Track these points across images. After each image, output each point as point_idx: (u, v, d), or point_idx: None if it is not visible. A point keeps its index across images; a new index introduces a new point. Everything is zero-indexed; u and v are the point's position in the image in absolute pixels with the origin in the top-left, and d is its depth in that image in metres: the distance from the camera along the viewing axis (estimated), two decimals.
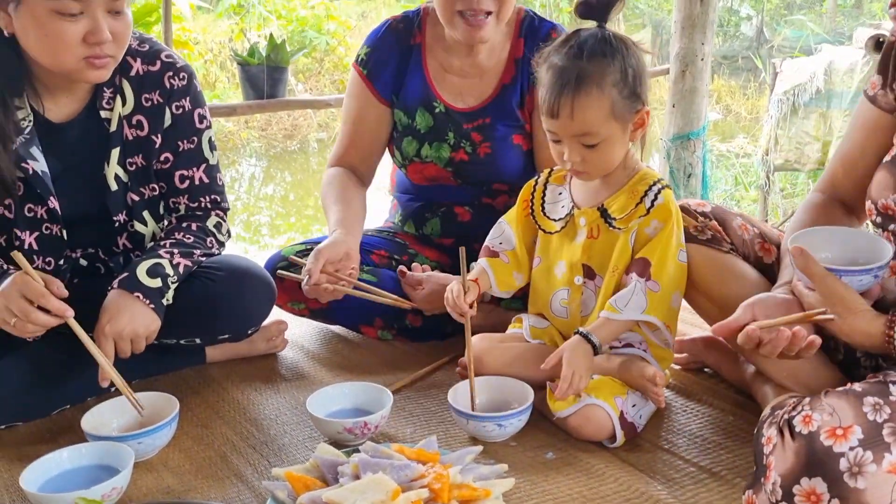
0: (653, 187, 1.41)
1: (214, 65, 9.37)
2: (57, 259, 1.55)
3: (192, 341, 1.64)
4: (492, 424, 1.37)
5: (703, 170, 3.30)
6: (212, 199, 1.65)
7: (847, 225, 1.46)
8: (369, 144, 1.90)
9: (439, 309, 1.73)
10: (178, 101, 1.58)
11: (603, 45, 1.33)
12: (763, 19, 12.71)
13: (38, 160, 1.48)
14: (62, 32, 1.35)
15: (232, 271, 1.61)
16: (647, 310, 1.38)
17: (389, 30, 1.87)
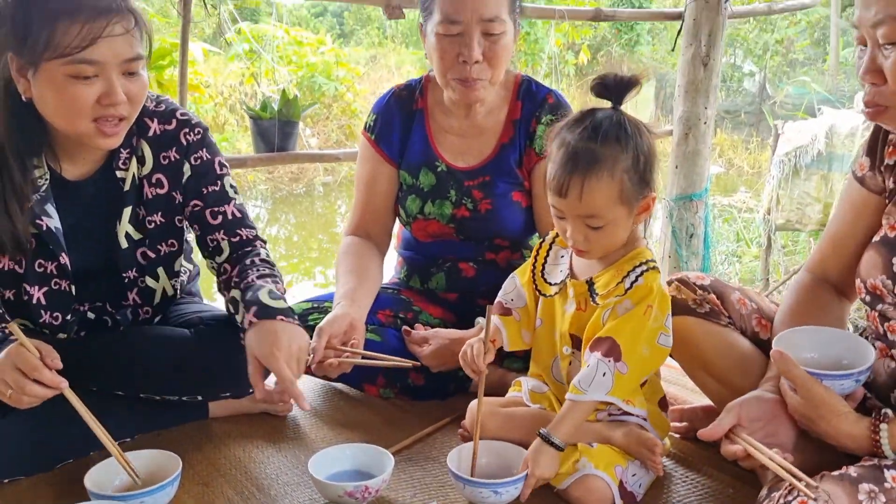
0: (637, 268, 1.40)
1: (224, 108, 9.51)
2: (65, 314, 1.57)
3: (194, 398, 1.66)
4: (488, 491, 1.37)
5: (706, 230, 3.34)
6: (248, 231, 1.66)
7: (836, 304, 1.48)
8: (382, 206, 1.97)
9: (445, 366, 1.80)
10: (195, 153, 1.62)
11: (617, 130, 1.33)
12: (766, 76, 12.90)
13: (52, 217, 1.51)
14: (77, 95, 1.37)
15: (234, 330, 1.62)
16: (611, 391, 1.36)
17: (394, 97, 1.97)
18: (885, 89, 1.21)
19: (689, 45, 3.29)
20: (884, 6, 1.16)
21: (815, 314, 1.45)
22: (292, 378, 1.40)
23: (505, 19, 1.74)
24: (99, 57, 1.36)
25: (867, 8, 1.18)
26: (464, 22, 1.71)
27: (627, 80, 1.36)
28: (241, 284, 1.54)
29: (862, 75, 1.23)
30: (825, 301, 1.49)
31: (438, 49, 1.76)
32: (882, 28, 1.16)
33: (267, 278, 1.55)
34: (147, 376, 1.60)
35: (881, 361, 1.37)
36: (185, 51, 2.53)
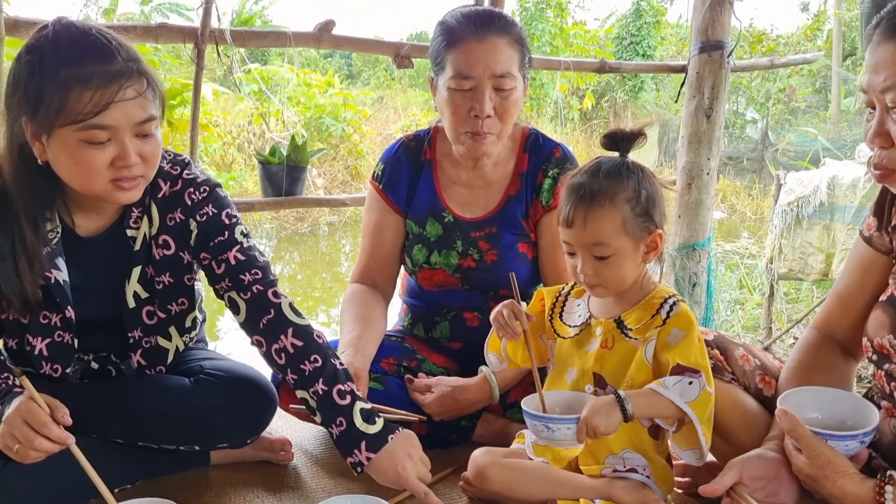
0: (668, 300, 1.45)
1: (232, 147, 9.61)
2: (65, 366, 1.58)
3: (192, 448, 1.66)
4: (541, 424, 1.40)
5: (708, 279, 3.36)
6: (253, 273, 1.59)
7: (842, 364, 1.49)
8: (388, 255, 1.99)
9: (447, 413, 1.80)
10: (200, 210, 1.60)
11: (620, 168, 1.44)
12: (768, 123, 13.03)
13: (61, 270, 1.51)
14: (90, 160, 1.38)
15: (233, 381, 1.63)
16: (693, 402, 1.36)
17: (402, 147, 2.00)
18: (893, 152, 1.24)
19: (692, 98, 3.34)
20: (892, 73, 1.19)
21: (821, 373, 1.46)
22: (426, 489, 1.44)
23: (515, 75, 1.78)
24: (111, 122, 1.36)
25: (877, 73, 1.22)
26: (476, 77, 1.74)
27: (633, 132, 1.46)
28: (308, 390, 1.51)
29: (871, 139, 1.26)
30: (831, 360, 1.49)
31: (451, 104, 1.78)
32: (891, 93, 1.19)
33: (329, 384, 1.50)
34: (144, 425, 1.60)
35: (887, 421, 1.37)
36: (197, 97, 2.58)
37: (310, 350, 1.53)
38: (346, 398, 1.49)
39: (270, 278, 1.61)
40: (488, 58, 1.74)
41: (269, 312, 1.56)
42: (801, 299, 5.71)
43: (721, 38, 3.26)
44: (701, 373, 1.38)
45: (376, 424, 1.48)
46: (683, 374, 1.37)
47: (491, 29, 1.75)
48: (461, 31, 1.76)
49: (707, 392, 1.37)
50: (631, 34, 14.53)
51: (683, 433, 1.42)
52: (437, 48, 1.81)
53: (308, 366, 1.51)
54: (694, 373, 1.37)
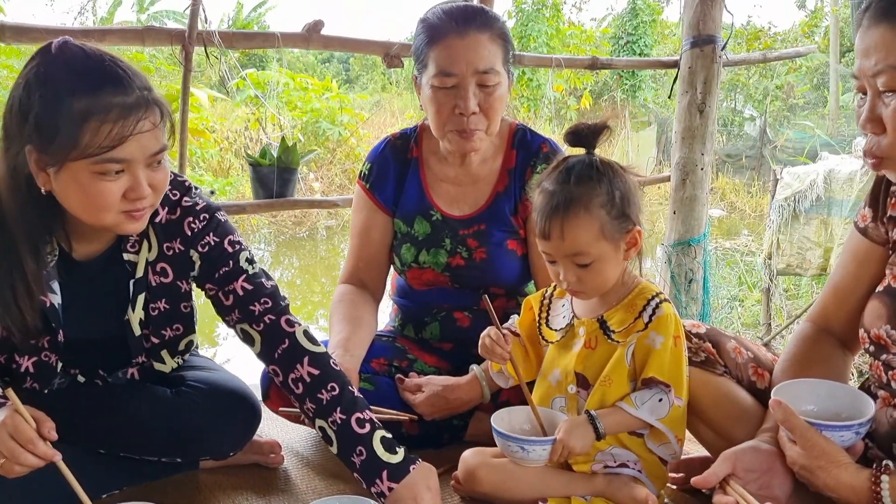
0: (651, 301, 1.43)
1: (229, 152, 9.61)
2: (44, 385, 1.56)
3: (174, 460, 1.64)
4: (516, 445, 1.41)
5: (705, 275, 3.34)
6: (262, 302, 1.57)
7: (838, 356, 1.47)
8: (377, 255, 1.97)
9: (438, 413, 1.79)
10: (201, 240, 1.56)
11: (590, 170, 1.39)
12: (766, 121, 13.02)
13: (55, 293, 1.48)
14: (103, 192, 1.34)
15: (215, 394, 1.61)
16: (664, 419, 1.39)
17: (388, 146, 1.98)
18: (884, 138, 1.22)
19: (685, 93, 3.33)
20: (884, 56, 1.18)
21: (816, 365, 1.44)
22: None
23: (499, 70, 1.76)
24: (127, 155, 1.32)
25: (867, 58, 1.20)
26: (458, 74, 1.73)
27: (596, 126, 1.42)
28: (327, 419, 1.48)
29: (862, 124, 1.24)
30: (827, 352, 1.48)
31: (434, 102, 1.77)
32: (882, 77, 1.18)
33: (348, 411, 1.47)
34: (125, 436, 1.58)
35: (883, 411, 1.35)
36: (185, 100, 2.57)
37: (327, 378, 1.50)
38: (366, 426, 1.47)
39: (281, 305, 1.58)
40: (471, 54, 1.72)
41: (284, 342, 1.53)
42: (801, 295, 5.68)
43: (713, 33, 3.25)
44: (671, 387, 1.39)
45: (398, 454, 1.45)
46: (653, 388, 1.39)
47: (472, 24, 1.74)
48: (442, 28, 1.75)
49: (676, 407, 1.40)
50: (627, 33, 14.53)
51: (655, 432, 1.44)
52: (419, 46, 1.79)
53: (325, 395, 1.48)
54: (665, 387, 1.39)
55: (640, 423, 1.41)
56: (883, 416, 1.33)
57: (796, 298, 5.67)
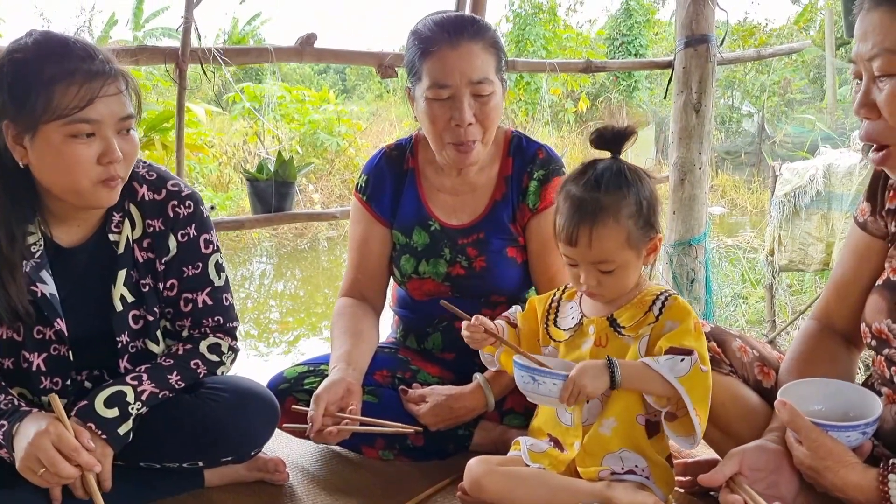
0: (660, 296, 1.45)
1: (228, 167, 9.62)
2: (64, 379, 1.57)
3: (195, 464, 1.64)
4: (528, 376, 1.39)
5: (706, 274, 3.33)
6: (215, 320, 1.67)
7: (844, 353, 1.46)
8: (376, 267, 1.96)
9: (443, 423, 1.77)
10: (183, 228, 1.62)
11: (619, 178, 1.41)
12: (764, 116, 13.01)
13: (47, 283, 1.52)
14: (77, 155, 1.41)
15: (235, 393, 1.62)
16: (683, 377, 1.34)
17: (384, 157, 1.97)
18: (879, 124, 1.22)
19: (680, 93, 3.33)
20: (880, 40, 1.18)
21: (822, 363, 1.44)
22: None
23: (493, 79, 1.75)
24: (96, 116, 1.41)
25: (864, 41, 1.20)
26: (453, 86, 1.71)
27: (624, 130, 1.43)
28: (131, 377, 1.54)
29: (856, 110, 1.24)
30: (832, 350, 1.47)
31: (429, 114, 1.75)
32: (878, 61, 1.18)
33: (150, 372, 1.55)
34: (147, 443, 1.58)
35: (888, 408, 1.34)
36: (181, 117, 2.57)
37: (174, 358, 1.60)
38: (124, 386, 1.51)
39: (229, 326, 1.68)
40: (464, 64, 1.71)
41: (195, 339, 1.65)
42: (805, 290, 5.66)
43: (706, 32, 3.25)
44: (693, 352, 1.36)
45: (104, 411, 1.47)
46: (676, 354, 1.37)
47: (464, 35, 1.72)
48: (434, 39, 1.73)
49: (699, 369, 1.35)
50: (622, 34, 14.55)
51: (679, 421, 1.40)
52: (412, 58, 1.78)
53: (156, 361, 1.60)
54: (686, 352, 1.36)
55: (660, 383, 1.35)
56: (888, 413, 1.32)
57: (800, 294, 5.65)
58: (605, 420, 1.44)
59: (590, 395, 1.38)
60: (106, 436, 1.46)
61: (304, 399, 1.78)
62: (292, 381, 1.83)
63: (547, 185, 1.86)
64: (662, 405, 1.40)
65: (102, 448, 1.46)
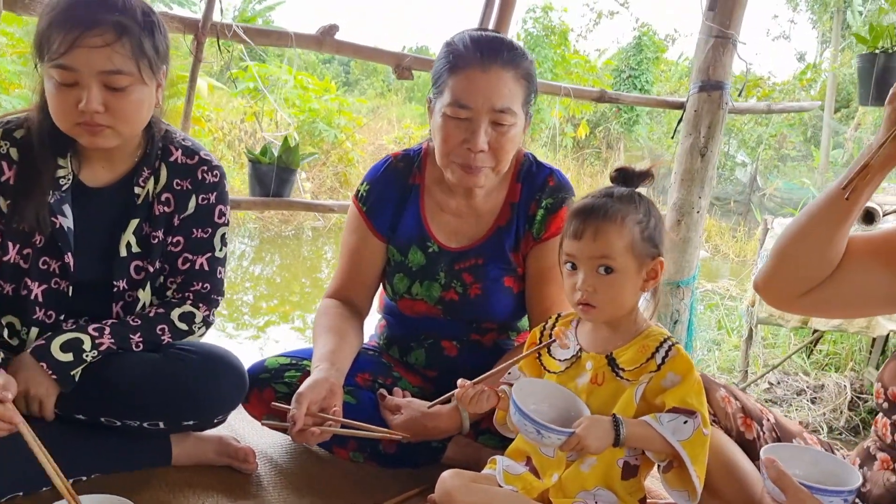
0: (663, 344, 1.44)
1: (223, 143, 9.54)
2: (58, 313, 1.61)
3: (156, 425, 1.61)
4: (532, 427, 1.36)
5: (690, 318, 3.34)
6: (203, 286, 1.70)
7: None
8: (367, 277, 1.91)
9: (415, 437, 1.72)
10: (205, 193, 1.69)
11: (631, 194, 1.46)
12: (757, 168, 13.16)
13: (67, 217, 1.58)
14: (58, 98, 1.48)
15: (205, 356, 1.64)
16: (685, 441, 1.35)
17: (389, 168, 1.90)
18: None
19: (688, 135, 3.34)
20: None
21: None
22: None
23: (516, 111, 1.69)
24: (74, 64, 1.44)
25: None
26: (473, 108, 1.65)
27: (644, 172, 1.49)
28: None
29: None
30: None
31: (443, 131, 1.69)
32: None
33: (113, 328, 1.58)
34: (109, 396, 1.57)
35: (881, 473, 1.36)
36: (192, 88, 2.54)
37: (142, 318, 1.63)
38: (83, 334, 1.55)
39: (213, 297, 1.72)
40: (490, 90, 1.65)
41: (174, 303, 1.69)
42: (779, 345, 5.71)
43: (722, 79, 3.27)
44: (697, 414, 1.37)
45: (59, 354, 1.52)
46: (679, 414, 1.37)
47: (498, 60, 1.66)
48: (466, 57, 1.67)
49: (701, 433, 1.37)
50: (630, 67, 14.65)
51: (675, 472, 1.40)
52: (440, 69, 1.72)
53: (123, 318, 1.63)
54: (689, 413, 1.37)
55: (661, 443, 1.37)
56: (880, 479, 1.33)
57: (773, 347, 5.69)
58: (588, 458, 1.43)
59: (592, 453, 1.38)
60: (56, 376, 1.50)
61: (283, 391, 1.76)
62: (273, 372, 1.81)
63: (554, 216, 1.81)
64: (661, 460, 1.42)
65: (49, 387, 1.50)
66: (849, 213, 1.35)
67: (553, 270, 1.64)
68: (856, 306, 1.51)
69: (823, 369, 4.86)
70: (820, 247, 1.38)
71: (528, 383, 1.49)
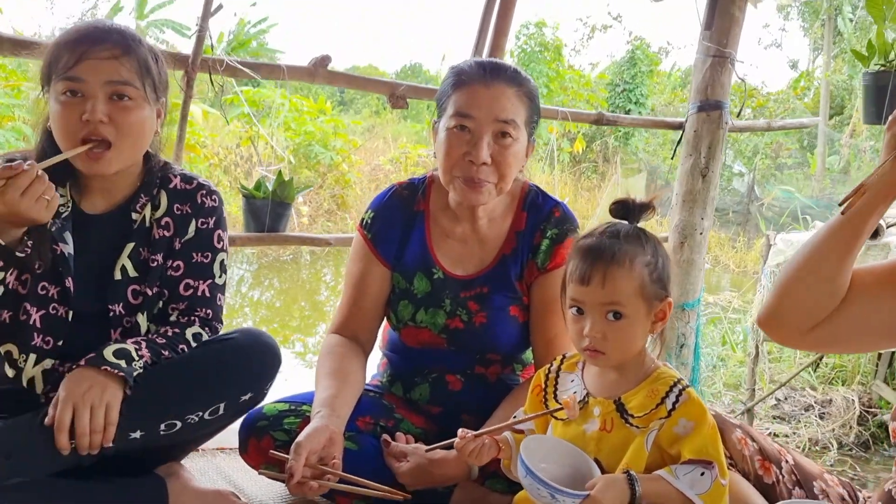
0: (673, 388, 1.38)
1: (219, 168, 9.52)
2: (56, 339, 1.59)
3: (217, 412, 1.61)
4: (546, 491, 1.29)
5: (696, 341, 3.29)
6: (206, 313, 1.69)
7: None
8: (371, 307, 1.88)
9: (422, 484, 1.67)
10: (205, 217, 1.70)
11: (638, 233, 1.41)
12: (755, 177, 13.15)
13: (67, 244, 1.60)
14: (66, 112, 1.51)
15: (232, 335, 1.67)
16: (704, 494, 1.30)
17: (394, 196, 1.90)
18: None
19: (688, 156, 3.30)
20: None
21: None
22: (63, 422, 1.41)
23: (520, 125, 1.70)
24: (82, 74, 1.50)
25: None
26: (476, 119, 1.66)
27: (643, 203, 1.43)
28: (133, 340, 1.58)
29: None
30: None
31: (446, 144, 1.70)
32: None
33: (145, 342, 1.56)
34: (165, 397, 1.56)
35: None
36: (183, 125, 2.50)
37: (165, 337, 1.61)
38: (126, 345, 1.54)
39: (214, 324, 1.70)
40: (492, 102, 1.67)
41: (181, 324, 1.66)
42: (784, 359, 5.65)
43: (720, 98, 3.23)
44: (714, 464, 1.32)
45: (114, 359, 1.50)
46: (695, 465, 1.32)
47: (500, 77, 1.69)
48: (470, 74, 1.70)
49: (720, 484, 1.31)
50: (625, 81, 14.68)
51: None
52: (444, 90, 1.75)
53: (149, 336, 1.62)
54: (706, 464, 1.31)
55: (679, 498, 1.31)
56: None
57: (779, 362, 5.64)
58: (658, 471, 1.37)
59: None
60: (122, 373, 1.48)
61: (282, 439, 1.70)
62: (271, 419, 1.75)
63: (559, 245, 1.80)
64: None
65: (114, 390, 1.47)
66: (853, 242, 1.30)
67: (557, 301, 1.60)
68: (865, 339, 1.45)
69: (831, 383, 4.80)
70: (824, 279, 1.33)
71: (534, 441, 1.42)
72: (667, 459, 1.37)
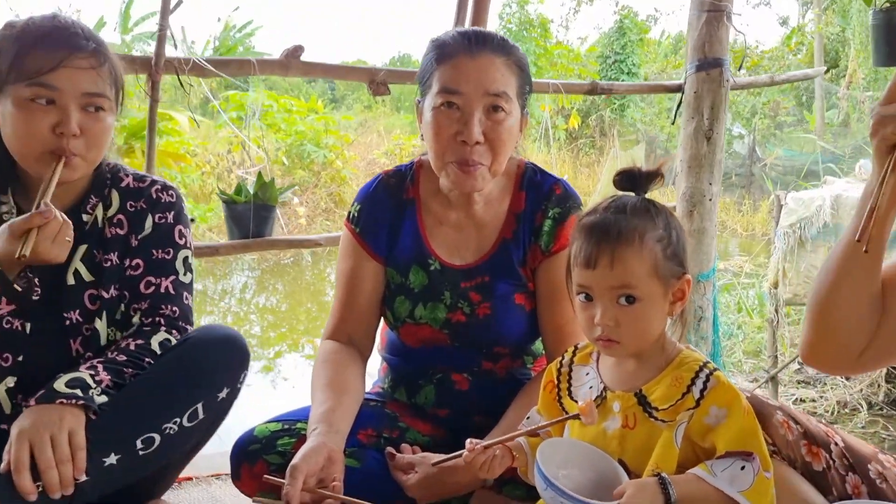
0: (700, 373, 1.23)
1: (212, 176, 9.39)
2: (16, 355, 1.52)
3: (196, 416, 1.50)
4: None
5: (714, 313, 3.13)
6: (171, 310, 1.59)
7: None
8: (366, 307, 1.74)
9: (433, 496, 1.55)
10: (162, 212, 1.63)
11: (646, 204, 1.27)
12: (755, 138, 12.97)
13: None
14: (33, 118, 1.43)
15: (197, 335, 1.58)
16: (747, 491, 1.15)
17: (381, 185, 1.76)
18: None
19: (690, 119, 3.13)
20: None
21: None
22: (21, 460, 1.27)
23: (512, 97, 1.57)
24: (58, 83, 1.42)
25: None
26: (464, 94, 1.54)
27: (650, 172, 1.28)
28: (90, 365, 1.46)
29: None
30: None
31: (434, 125, 1.57)
32: None
33: (104, 363, 1.45)
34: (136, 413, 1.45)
35: None
36: (152, 130, 2.35)
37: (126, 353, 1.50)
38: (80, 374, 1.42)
39: (181, 324, 1.59)
40: (481, 73, 1.54)
41: (145, 333, 1.55)
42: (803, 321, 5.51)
43: (720, 55, 3.07)
44: (754, 455, 1.17)
45: (66, 390, 1.38)
46: (734, 458, 1.17)
47: (487, 46, 1.56)
48: (454, 46, 1.57)
49: (763, 477, 1.16)
50: (615, 52, 14.47)
51: None
52: (426, 66, 1.61)
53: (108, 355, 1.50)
54: (746, 456, 1.16)
55: (719, 498, 1.17)
56: None
57: (798, 325, 5.49)
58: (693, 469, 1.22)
59: None
60: (79, 401, 1.35)
61: (277, 462, 1.57)
62: (263, 442, 1.61)
63: (562, 225, 1.66)
64: None
65: (74, 415, 1.35)
66: (873, 261, 1.19)
67: (565, 286, 1.45)
68: None
69: None
70: (855, 306, 1.22)
71: (550, 445, 1.28)
72: (700, 455, 1.22)
